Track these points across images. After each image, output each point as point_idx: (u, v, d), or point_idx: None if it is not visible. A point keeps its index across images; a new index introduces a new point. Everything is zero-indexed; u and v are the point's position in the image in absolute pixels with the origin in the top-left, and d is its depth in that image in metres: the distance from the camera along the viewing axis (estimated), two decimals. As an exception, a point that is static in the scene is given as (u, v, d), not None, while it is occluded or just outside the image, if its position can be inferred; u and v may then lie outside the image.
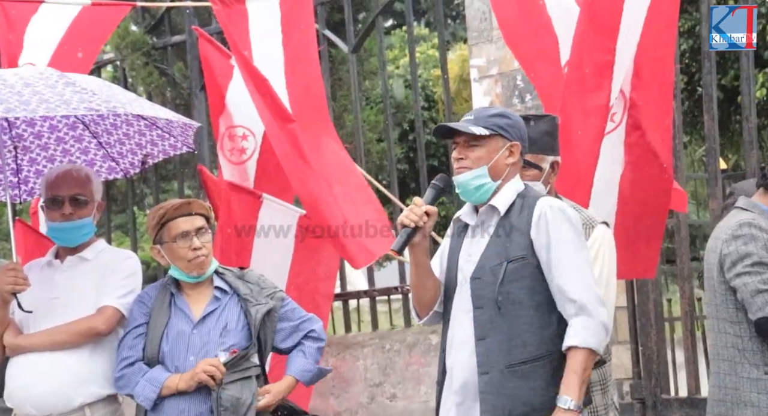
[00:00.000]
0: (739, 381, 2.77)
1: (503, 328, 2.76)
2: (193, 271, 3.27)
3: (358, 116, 5.96)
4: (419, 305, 2.95)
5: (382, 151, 8.38)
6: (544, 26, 3.71)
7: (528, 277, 2.78)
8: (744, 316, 2.77)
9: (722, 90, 9.22)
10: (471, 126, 2.82)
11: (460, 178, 2.83)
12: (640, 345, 4.94)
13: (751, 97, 4.55)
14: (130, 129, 3.66)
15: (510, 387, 2.73)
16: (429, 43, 15.79)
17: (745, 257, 2.76)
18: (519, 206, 2.83)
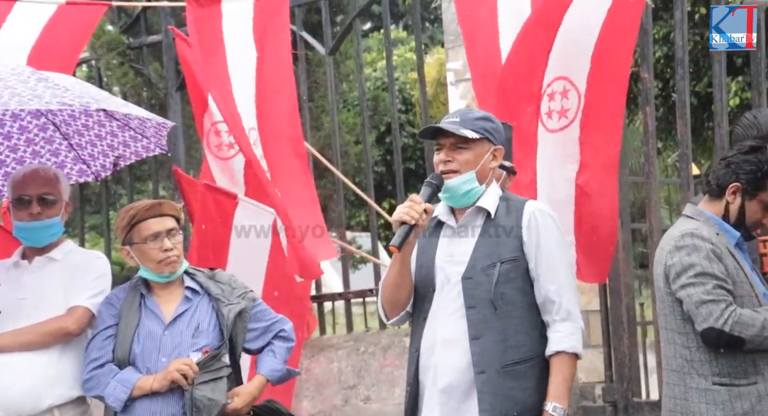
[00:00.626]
0: (688, 392, 2.76)
1: (498, 328, 2.78)
2: (165, 271, 3.26)
3: (334, 118, 5.96)
4: (392, 305, 2.93)
5: (360, 153, 8.39)
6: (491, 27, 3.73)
7: (519, 278, 2.82)
8: (691, 327, 2.76)
9: (696, 96, 9.30)
10: (460, 128, 2.82)
11: (450, 182, 2.83)
12: (613, 348, 4.97)
13: (723, 104, 4.60)
14: (102, 130, 3.64)
15: (505, 387, 2.76)
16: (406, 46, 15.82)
17: (689, 268, 2.74)
18: (504, 208, 2.87)
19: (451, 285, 2.84)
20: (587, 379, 5.18)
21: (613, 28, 3.49)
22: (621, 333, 4.96)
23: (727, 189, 2.85)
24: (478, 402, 2.76)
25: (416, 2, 5.67)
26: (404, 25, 18.11)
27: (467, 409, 2.79)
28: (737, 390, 2.73)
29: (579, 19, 3.50)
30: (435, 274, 2.87)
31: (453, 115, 2.89)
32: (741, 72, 8.99)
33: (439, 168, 2.85)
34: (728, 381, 2.74)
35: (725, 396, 2.73)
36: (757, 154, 2.85)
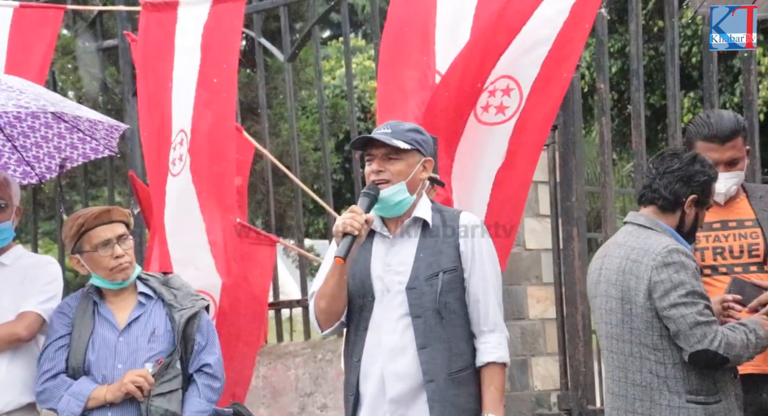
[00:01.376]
0: (654, 408, 2.76)
1: (443, 337, 2.84)
2: (117, 278, 3.23)
3: (293, 125, 5.95)
4: (328, 315, 2.95)
5: (318, 160, 8.37)
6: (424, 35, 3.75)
7: (459, 288, 2.89)
8: (668, 343, 2.76)
9: (650, 109, 9.46)
10: (392, 139, 2.87)
11: (385, 192, 2.87)
12: (568, 357, 5.01)
13: (677, 115, 4.67)
14: (49, 132, 3.59)
15: (452, 394, 2.82)
16: (365, 54, 15.85)
17: (679, 286, 2.73)
18: (439, 219, 2.93)
19: (392, 294, 2.88)
20: (543, 387, 5.22)
21: (566, 37, 3.55)
22: (576, 341, 5.00)
23: (685, 202, 2.87)
24: (429, 411, 2.81)
25: (375, 11, 5.68)
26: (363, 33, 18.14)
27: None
28: (710, 408, 2.75)
29: (538, 26, 3.55)
30: (372, 284, 2.91)
31: (384, 127, 2.93)
32: (694, 87, 9.17)
33: (370, 178, 2.90)
34: (702, 398, 2.76)
35: (701, 414, 2.75)
36: (698, 162, 2.89)
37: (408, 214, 2.93)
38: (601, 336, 2.93)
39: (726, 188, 3.14)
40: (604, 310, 2.89)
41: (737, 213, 3.21)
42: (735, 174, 3.16)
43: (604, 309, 2.89)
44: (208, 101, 4.19)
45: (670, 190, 2.87)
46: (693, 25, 9.14)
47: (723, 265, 3.13)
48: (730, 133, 3.14)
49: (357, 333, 2.94)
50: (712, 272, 3.12)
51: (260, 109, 6.06)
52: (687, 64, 9.18)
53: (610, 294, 2.86)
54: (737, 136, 3.17)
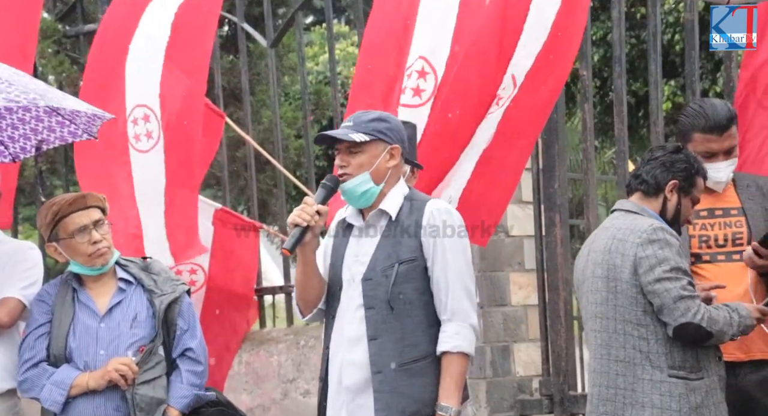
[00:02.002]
0: (636, 383, 2.80)
1: (396, 328, 2.85)
2: (96, 263, 3.20)
3: (276, 112, 5.93)
4: (304, 303, 2.99)
5: (300, 147, 8.34)
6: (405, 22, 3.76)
7: (418, 278, 2.88)
8: (651, 319, 2.80)
9: (633, 96, 9.49)
10: (351, 132, 2.88)
11: (344, 186, 2.89)
12: (550, 342, 5.04)
13: (658, 101, 4.69)
14: (26, 114, 3.54)
15: (402, 385, 2.82)
16: (349, 40, 15.79)
17: (663, 262, 2.77)
18: (407, 209, 2.93)
19: (355, 284, 2.91)
20: (525, 373, 5.25)
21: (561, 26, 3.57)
22: (558, 327, 5.03)
23: (666, 186, 2.91)
24: (374, 402, 2.82)
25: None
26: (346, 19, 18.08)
27: (367, 407, 2.85)
28: (692, 384, 2.79)
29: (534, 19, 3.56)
30: (342, 274, 2.93)
31: (348, 120, 2.95)
32: (676, 74, 9.20)
33: (337, 171, 2.91)
34: (684, 374, 2.80)
35: (682, 389, 2.79)
36: (683, 153, 2.93)
37: (376, 204, 2.93)
38: (587, 319, 2.96)
39: (727, 176, 3.17)
40: (590, 291, 2.93)
41: (724, 202, 3.23)
42: (733, 161, 3.19)
43: (590, 289, 2.93)
44: (179, 81, 4.17)
45: (652, 174, 2.93)
46: (675, 12, 9.16)
47: (707, 253, 3.16)
48: (727, 121, 3.16)
49: (328, 321, 2.98)
50: (696, 260, 3.14)
51: (243, 95, 6.04)
52: (669, 52, 9.20)
53: (596, 274, 2.91)
54: (732, 124, 3.18)
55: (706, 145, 3.12)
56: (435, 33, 3.70)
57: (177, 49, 4.20)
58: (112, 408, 3.13)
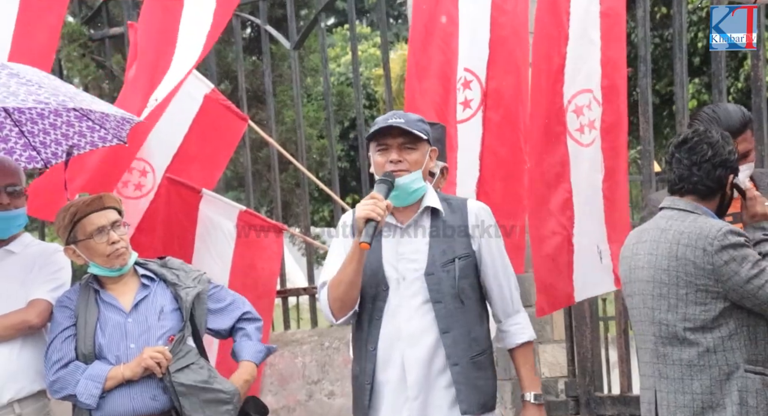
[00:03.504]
0: (714, 384, 2.76)
1: (463, 322, 2.89)
2: (115, 264, 3.22)
3: (299, 112, 5.94)
4: (343, 303, 2.93)
5: (322, 148, 8.36)
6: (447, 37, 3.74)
7: (472, 275, 2.94)
8: (726, 320, 2.75)
9: (656, 95, 9.43)
10: (411, 128, 2.87)
11: (401, 180, 2.87)
12: (575, 343, 5.02)
13: (684, 101, 4.66)
14: (57, 119, 3.56)
15: (474, 377, 2.88)
16: (371, 41, 15.81)
17: (743, 262, 2.74)
18: (447, 207, 2.95)
19: (408, 282, 2.89)
20: (550, 374, 5.22)
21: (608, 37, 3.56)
22: (584, 328, 5.01)
23: (726, 183, 2.86)
24: (456, 394, 2.86)
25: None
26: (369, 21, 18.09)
27: (435, 401, 2.85)
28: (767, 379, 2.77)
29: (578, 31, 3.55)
30: (385, 273, 2.91)
31: (395, 116, 2.92)
32: (699, 73, 9.14)
33: (387, 167, 2.88)
34: (761, 369, 2.77)
35: (758, 385, 2.76)
36: (725, 140, 2.87)
37: (416, 204, 2.94)
38: (643, 321, 2.90)
39: (742, 180, 3.13)
40: (651, 296, 2.86)
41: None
42: (748, 166, 3.16)
43: (651, 295, 2.86)
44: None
45: (712, 177, 2.85)
46: (698, 11, 9.10)
47: None
48: (741, 126, 3.13)
49: (371, 322, 2.93)
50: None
51: (266, 97, 6.05)
52: (691, 51, 9.15)
53: (662, 280, 2.83)
54: (747, 129, 3.16)
55: None
56: (473, 40, 3.68)
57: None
58: (149, 398, 3.13)
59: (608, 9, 3.57)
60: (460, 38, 3.69)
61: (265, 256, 4.64)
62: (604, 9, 3.58)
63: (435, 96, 3.66)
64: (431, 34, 3.77)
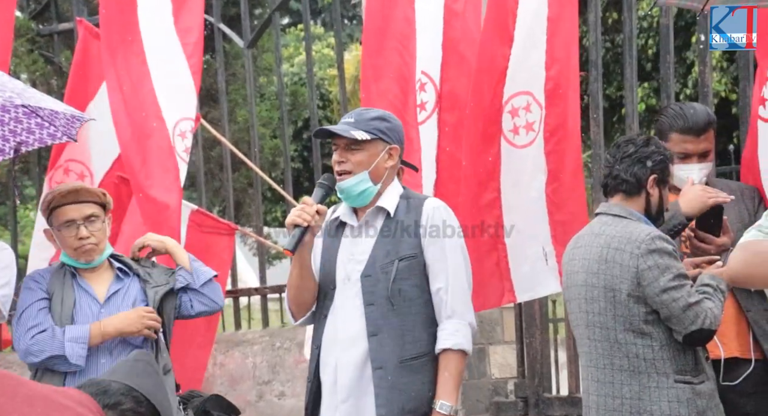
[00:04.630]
0: (643, 391, 2.77)
1: (396, 324, 2.82)
2: (80, 259, 3.22)
3: (253, 112, 5.91)
4: (297, 306, 2.94)
5: (275, 148, 8.33)
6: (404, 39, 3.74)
7: (418, 275, 2.87)
8: (654, 327, 2.77)
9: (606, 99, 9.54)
10: (352, 129, 2.85)
11: (343, 184, 2.86)
12: (525, 345, 5.06)
13: (633, 105, 4.72)
14: (5, 115, 3.49)
15: (402, 381, 2.80)
16: (325, 42, 15.78)
17: (666, 271, 2.76)
18: (404, 207, 2.91)
19: (351, 283, 2.88)
20: (500, 375, 5.26)
21: (554, 41, 3.57)
22: (533, 329, 5.05)
23: (647, 182, 2.90)
24: (375, 398, 2.79)
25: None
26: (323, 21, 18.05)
27: (365, 405, 2.82)
28: (697, 388, 2.79)
29: (523, 34, 3.56)
30: (336, 273, 2.90)
31: (349, 116, 2.91)
32: (649, 78, 9.27)
33: (335, 167, 2.88)
34: (689, 378, 2.79)
35: (689, 394, 2.78)
36: (653, 143, 2.92)
37: (374, 203, 2.92)
38: (579, 326, 2.93)
39: (699, 179, 3.18)
40: (584, 299, 2.88)
41: None
42: (707, 165, 3.21)
43: (584, 298, 2.89)
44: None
45: (630, 172, 2.89)
46: (648, 18, 9.24)
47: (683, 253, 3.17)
48: (705, 125, 3.18)
49: (319, 320, 2.93)
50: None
51: (219, 95, 6.01)
52: (642, 56, 9.28)
53: (593, 283, 2.86)
54: (710, 128, 3.21)
55: (682, 146, 3.14)
56: (428, 42, 3.68)
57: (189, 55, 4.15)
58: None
59: (556, 14, 3.59)
60: (418, 40, 3.68)
61: (216, 256, 4.60)
62: (551, 14, 3.60)
63: (393, 98, 3.64)
64: (387, 36, 3.76)
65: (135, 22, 4.15)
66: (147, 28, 4.16)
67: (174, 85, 4.10)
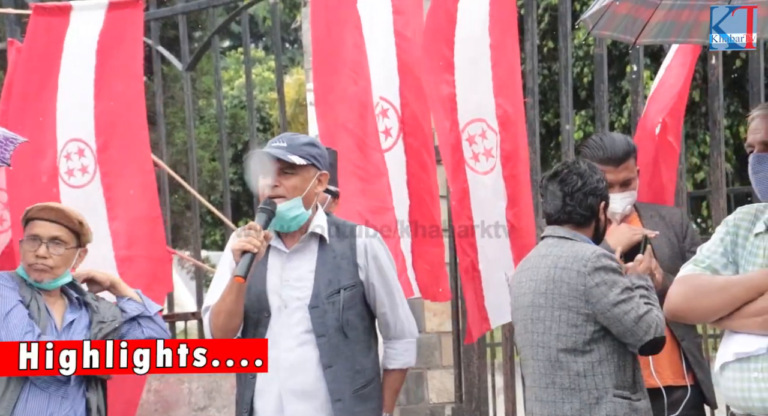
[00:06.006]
0: (584, 408, 2.83)
1: (347, 355, 2.85)
2: (31, 276, 3.16)
3: (191, 134, 5.86)
4: (225, 333, 2.89)
5: (214, 170, 8.29)
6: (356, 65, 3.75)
7: (359, 304, 2.90)
8: (597, 344, 2.83)
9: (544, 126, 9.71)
10: (289, 154, 2.84)
11: (280, 208, 2.84)
12: (463, 369, 5.07)
13: (569, 132, 4.81)
14: None
15: (357, 411, 2.84)
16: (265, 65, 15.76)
17: (613, 286, 2.82)
18: (335, 232, 2.93)
19: (290, 310, 2.86)
20: (438, 400, 5.27)
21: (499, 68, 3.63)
22: (471, 354, 5.07)
23: (599, 211, 2.98)
24: None
25: (276, 22, 5.66)
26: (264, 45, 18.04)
27: None
28: (634, 404, 2.85)
29: (466, 60, 3.61)
30: (269, 299, 2.88)
31: (280, 140, 2.90)
32: (585, 105, 9.46)
33: (265, 193, 2.86)
34: (628, 394, 2.84)
35: (626, 409, 2.83)
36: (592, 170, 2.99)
37: (303, 229, 2.91)
38: (525, 346, 2.97)
39: (622, 208, 3.26)
40: (530, 320, 2.93)
41: None
42: (629, 193, 3.29)
43: (530, 318, 2.93)
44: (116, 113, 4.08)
45: (585, 206, 2.96)
46: (584, 47, 9.43)
47: None
48: (624, 155, 3.27)
49: None
50: None
51: (157, 118, 5.96)
52: (578, 84, 9.47)
53: (539, 303, 2.91)
54: (630, 158, 3.30)
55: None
56: (384, 67, 3.69)
57: (106, 79, 4.11)
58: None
59: (498, 41, 3.65)
60: (371, 66, 3.69)
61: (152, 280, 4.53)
62: (494, 41, 3.65)
63: (353, 126, 3.62)
64: (338, 64, 3.75)
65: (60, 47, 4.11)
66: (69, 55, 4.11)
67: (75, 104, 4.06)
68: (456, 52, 3.64)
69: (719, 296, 2.40)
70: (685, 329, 3.22)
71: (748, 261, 2.44)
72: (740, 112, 9.12)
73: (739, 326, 2.38)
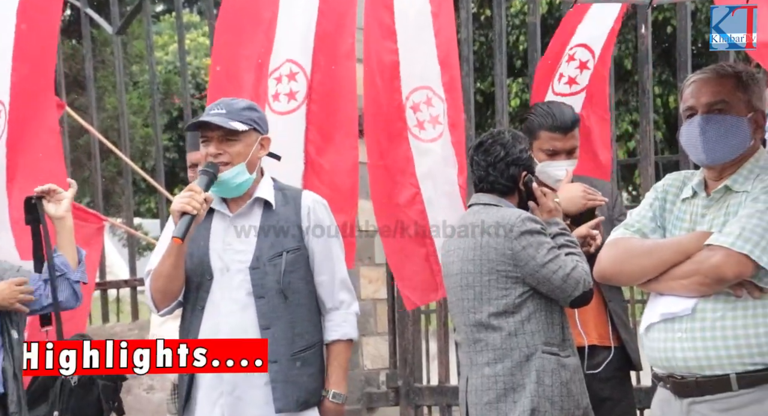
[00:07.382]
0: (515, 366, 2.88)
1: (286, 318, 2.83)
2: None
3: (122, 100, 5.75)
4: (164, 295, 2.87)
5: (147, 136, 8.14)
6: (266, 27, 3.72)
7: (303, 268, 2.88)
8: (526, 304, 2.88)
9: (481, 94, 9.76)
10: (229, 121, 2.81)
11: (224, 175, 2.81)
12: (397, 336, 5.12)
13: (504, 101, 4.85)
14: None
15: (294, 374, 2.82)
16: (200, 30, 15.50)
17: (539, 247, 2.87)
18: (281, 198, 2.91)
19: (232, 273, 2.84)
20: (372, 366, 5.31)
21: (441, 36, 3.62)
22: (406, 321, 5.12)
23: (520, 180, 3.01)
24: (272, 391, 2.80)
25: (210, -15, 5.57)
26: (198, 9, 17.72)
27: (252, 399, 2.81)
28: (563, 360, 2.90)
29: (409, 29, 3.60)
30: (211, 263, 2.86)
31: (218, 106, 2.86)
32: (521, 73, 9.53)
33: (208, 161, 2.83)
34: (556, 350, 2.90)
35: (554, 365, 2.88)
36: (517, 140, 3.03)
37: (249, 194, 2.89)
38: (456, 314, 3.00)
39: (563, 174, 3.30)
40: (460, 287, 2.97)
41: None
42: (572, 161, 3.33)
43: (460, 285, 2.97)
44: (27, 75, 3.98)
45: (507, 176, 3.00)
46: (521, 15, 9.48)
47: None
48: (571, 123, 3.31)
49: (193, 312, 2.87)
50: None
51: (87, 82, 5.83)
52: (514, 53, 9.52)
53: (468, 270, 2.95)
54: (576, 127, 3.34)
55: (551, 143, 3.26)
56: (299, 32, 3.66)
57: (24, 41, 3.99)
58: None
59: (438, 9, 3.65)
60: (278, 28, 3.65)
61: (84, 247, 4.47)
62: (434, 9, 3.65)
63: (246, 84, 3.61)
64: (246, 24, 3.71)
65: None
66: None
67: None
68: (397, 20, 3.63)
69: (648, 259, 2.45)
70: (613, 291, 3.28)
71: (675, 225, 2.50)
72: (671, 81, 9.27)
73: (666, 288, 2.43)
